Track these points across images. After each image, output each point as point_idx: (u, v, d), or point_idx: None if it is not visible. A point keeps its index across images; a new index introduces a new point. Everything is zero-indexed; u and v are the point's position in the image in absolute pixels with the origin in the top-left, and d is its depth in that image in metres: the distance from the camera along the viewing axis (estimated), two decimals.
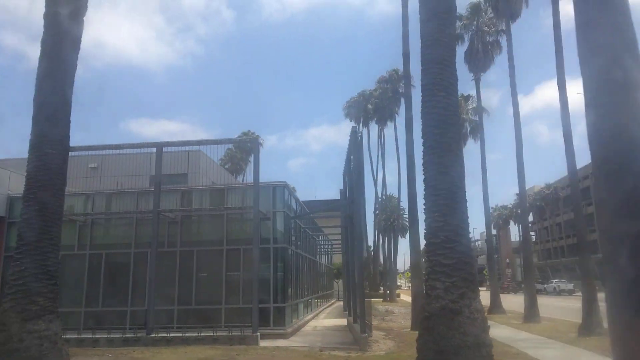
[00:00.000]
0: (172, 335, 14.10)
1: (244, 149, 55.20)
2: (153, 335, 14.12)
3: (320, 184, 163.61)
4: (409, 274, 25.99)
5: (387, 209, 45.04)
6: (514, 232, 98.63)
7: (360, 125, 48.71)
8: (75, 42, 11.00)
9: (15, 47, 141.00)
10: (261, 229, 16.19)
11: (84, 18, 10.99)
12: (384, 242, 46.76)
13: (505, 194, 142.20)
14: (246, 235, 16.42)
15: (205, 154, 26.19)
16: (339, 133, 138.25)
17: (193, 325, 14.81)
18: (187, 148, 21.39)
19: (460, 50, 32.15)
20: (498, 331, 14.78)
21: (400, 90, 44.40)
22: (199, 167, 25.45)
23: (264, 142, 64.04)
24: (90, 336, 14.26)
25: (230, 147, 53.88)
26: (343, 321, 22.08)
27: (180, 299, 15.70)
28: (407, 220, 32.86)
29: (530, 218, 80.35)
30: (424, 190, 7.96)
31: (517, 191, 73.54)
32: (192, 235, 16.60)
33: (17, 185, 17.70)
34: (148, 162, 26.66)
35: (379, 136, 45.49)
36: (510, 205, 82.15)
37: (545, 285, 54.79)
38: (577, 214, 20.55)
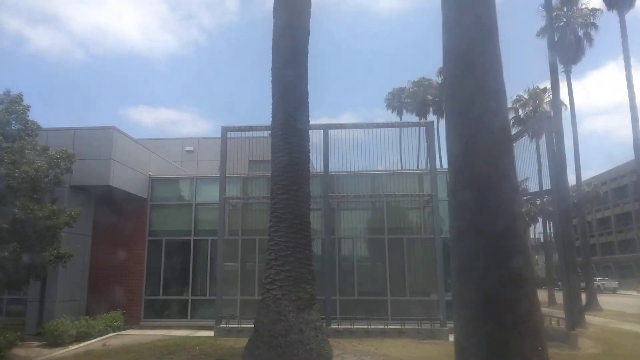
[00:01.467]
0: (355, 327, 13.40)
1: None
2: (335, 326, 13.42)
3: None
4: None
5: None
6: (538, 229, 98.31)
7: (402, 116, 47.84)
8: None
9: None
10: (424, 218, 15.53)
11: None
12: None
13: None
14: (407, 224, 15.70)
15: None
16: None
17: (357, 317, 14.07)
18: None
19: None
20: None
21: None
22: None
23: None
24: None
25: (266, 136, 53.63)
26: None
27: (341, 289, 14.96)
28: None
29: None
30: None
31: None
32: (350, 222, 15.82)
33: (156, 167, 16.94)
34: (246, 146, 25.96)
35: (437, 127, 44.63)
36: (540, 202, 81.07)
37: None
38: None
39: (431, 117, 45.88)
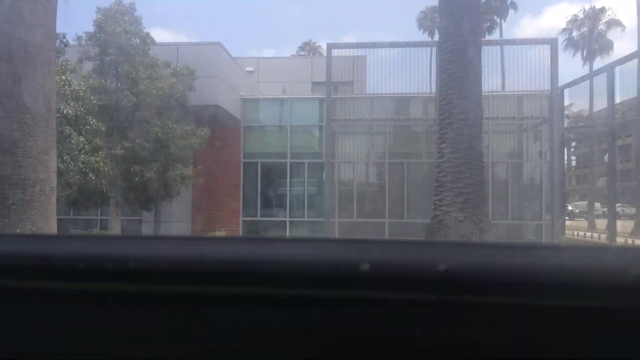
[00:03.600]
0: None
1: None
2: None
3: None
4: None
5: None
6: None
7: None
8: None
9: None
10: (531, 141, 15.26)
11: None
12: None
13: None
14: (510, 149, 15.37)
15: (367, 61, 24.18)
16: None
17: None
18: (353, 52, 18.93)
19: None
20: None
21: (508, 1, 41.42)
22: (365, 74, 23.66)
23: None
24: None
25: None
26: None
27: None
28: None
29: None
30: None
31: None
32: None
33: (248, 88, 16.36)
34: (308, 68, 25.00)
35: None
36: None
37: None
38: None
39: None
